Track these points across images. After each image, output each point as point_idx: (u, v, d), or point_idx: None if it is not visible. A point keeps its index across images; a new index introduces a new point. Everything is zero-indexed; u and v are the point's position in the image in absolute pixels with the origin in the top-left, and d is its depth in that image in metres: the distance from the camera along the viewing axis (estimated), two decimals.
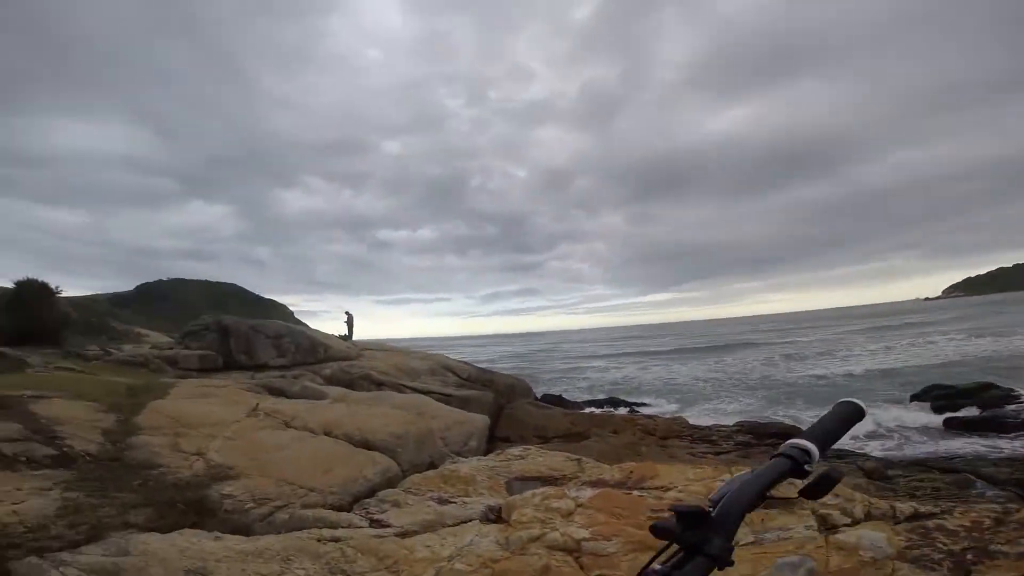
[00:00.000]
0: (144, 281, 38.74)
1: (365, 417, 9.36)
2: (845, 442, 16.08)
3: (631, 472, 5.50)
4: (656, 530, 0.87)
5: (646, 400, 28.46)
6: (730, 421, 20.14)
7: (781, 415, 21.76)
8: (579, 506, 4.59)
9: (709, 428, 18.08)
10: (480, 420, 12.45)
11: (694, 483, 5.04)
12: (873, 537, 3.37)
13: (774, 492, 0.93)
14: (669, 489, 4.95)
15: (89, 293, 29.82)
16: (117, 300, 31.15)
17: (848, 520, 3.84)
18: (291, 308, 46.96)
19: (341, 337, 24.12)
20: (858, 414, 1.06)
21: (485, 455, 9.40)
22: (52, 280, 18.05)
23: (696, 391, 31.11)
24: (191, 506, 5.75)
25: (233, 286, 44.28)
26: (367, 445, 8.26)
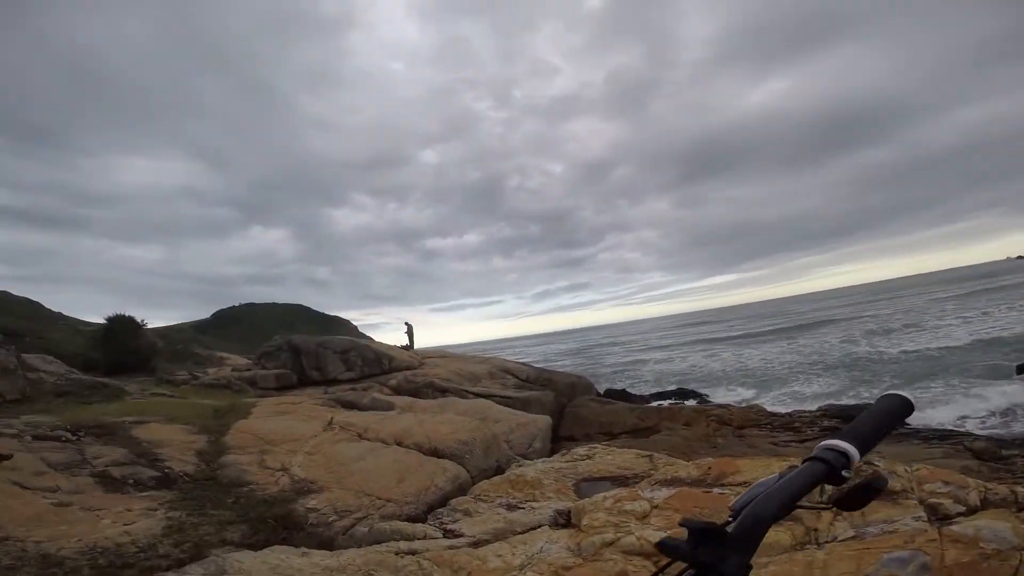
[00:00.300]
0: (220, 307, 41.65)
1: (433, 425, 9.59)
2: (947, 420, 14.81)
3: (709, 468, 5.27)
4: (663, 547, 0.78)
5: (717, 388, 27.46)
6: (812, 406, 19.10)
7: (868, 396, 20.40)
8: (655, 507, 4.43)
9: (790, 415, 17.12)
10: (543, 421, 12.45)
11: None
12: (995, 527, 2.94)
13: (806, 500, 0.84)
14: (752, 484, 4.70)
15: (172, 323, 32.35)
16: (198, 327, 33.60)
17: (963, 508, 3.43)
18: (354, 323, 48.82)
19: (403, 347, 24.86)
20: (904, 409, 0.94)
21: (550, 456, 9.39)
22: (137, 313, 20.11)
23: (771, 375, 29.55)
24: (280, 521, 6.12)
25: (299, 306, 46.63)
26: (436, 453, 8.47)
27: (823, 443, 0.88)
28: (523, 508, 5.71)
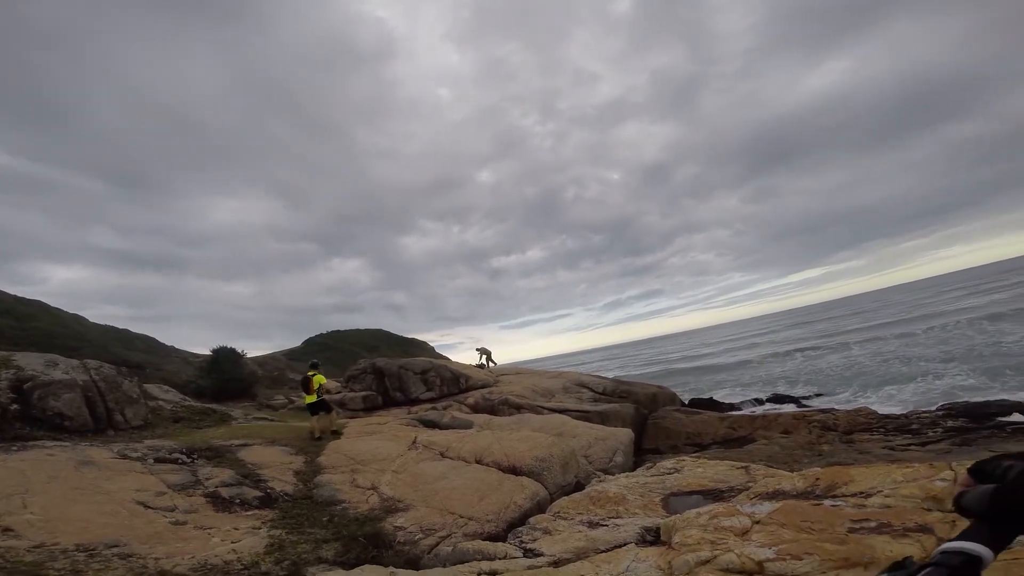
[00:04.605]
0: (309, 336, 44.54)
1: (511, 443, 9.59)
2: None
3: (817, 479, 4.81)
4: None
5: (817, 392, 25.33)
6: (932, 405, 17.15)
7: (998, 389, 17.88)
8: (756, 523, 4.10)
9: (906, 416, 15.38)
10: (623, 434, 12.06)
11: (905, 485, 4.23)
12: None
13: None
14: (871, 495, 4.20)
15: (267, 352, 35.04)
16: (290, 355, 36.12)
17: None
18: (431, 344, 50.26)
19: (478, 366, 25.21)
20: None
21: (633, 470, 9.03)
22: (238, 344, 22.05)
23: (879, 374, 26.66)
24: (370, 539, 6.35)
25: (380, 331, 48.83)
26: (515, 471, 8.45)
27: (944, 545, 0.73)
28: (606, 525, 5.51)
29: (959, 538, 0.74)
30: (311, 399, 11.59)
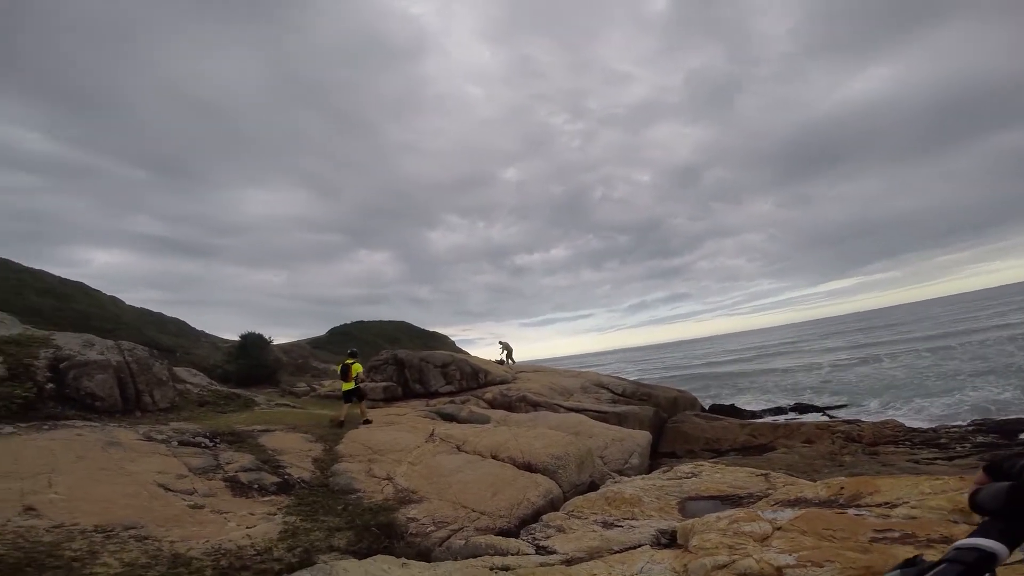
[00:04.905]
0: (333, 325, 45.21)
1: (527, 439, 9.57)
2: None
3: (841, 488, 4.69)
4: None
5: (844, 403, 24.64)
6: (962, 420, 16.57)
7: None
8: (777, 529, 4.02)
9: (934, 430, 14.93)
10: (641, 436, 11.92)
11: (932, 497, 4.11)
12: None
13: None
14: (897, 505, 4.10)
15: (293, 340, 35.74)
16: (314, 343, 36.77)
17: None
18: (452, 338, 50.57)
19: (497, 361, 25.25)
20: None
21: (648, 473, 8.91)
22: (265, 331, 22.26)
23: (910, 387, 25.91)
24: (382, 529, 6.39)
25: (403, 323, 49.26)
26: (529, 467, 8.42)
27: (959, 541, 0.76)
28: (620, 526, 5.44)
29: (974, 535, 0.75)
30: (348, 386, 11.83)
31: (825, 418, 20.30)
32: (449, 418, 13.34)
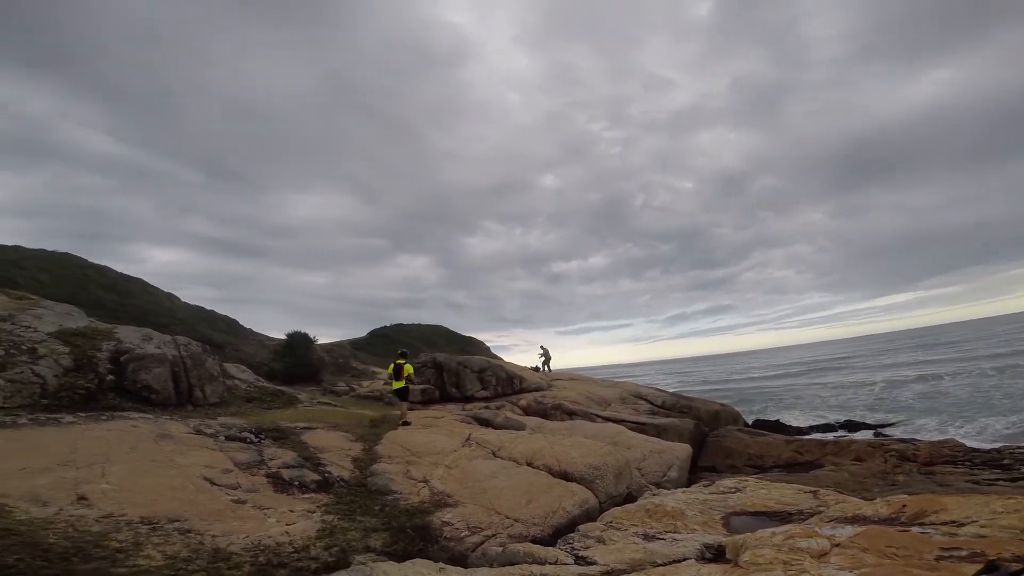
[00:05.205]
0: (374, 327, 46.13)
1: (564, 448, 9.44)
2: None
3: (903, 506, 4.42)
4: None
5: (898, 420, 23.32)
6: None
7: None
8: (836, 545, 3.82)
9: (997, 450, 13.99)
10: (681, 449, 11.58)
11: (1004, 516, 3.86)
12: None
13: None
14: (965, 524, 3.86)
15: (334, 340, 36.66)
16: (355, 344, 37.66)
17: None
18: (487, 344, 50.75)
19: (533, 368, 25.12)
20: None
21: (687, 487, 8.63)
22: (309, 331, 22.64)
23: (971, 406, 24.32)
24: (418, 532, 6.38)
25: (441, 327, 49.82)
26: (565, 476, 8.28)
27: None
28: (663, 539, 5.25)
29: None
30: (399, 385, 12.10)
31: (878, 436, 19.30)
32: (485, 423, 13.33)
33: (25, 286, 18.57)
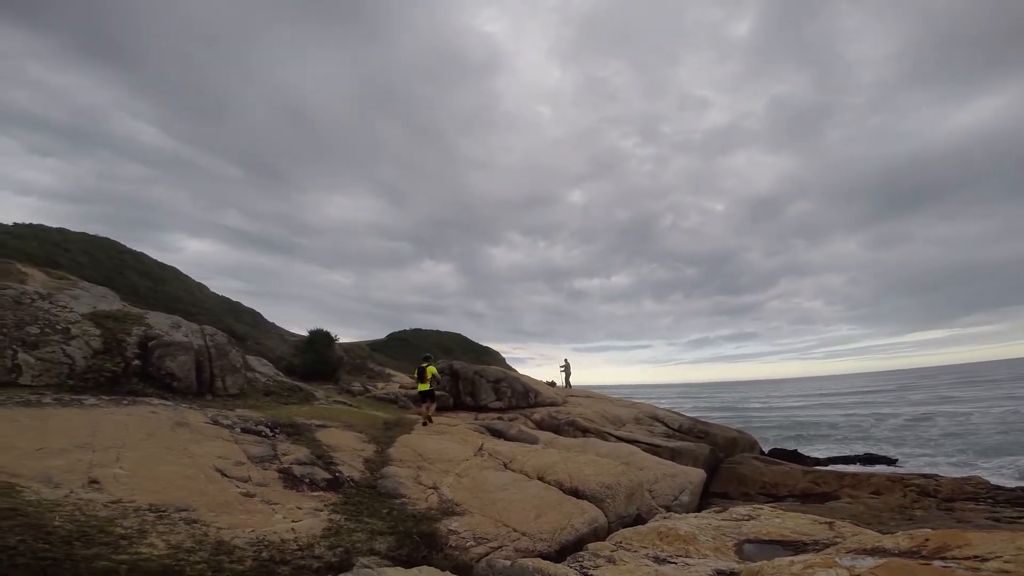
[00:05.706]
0: (393, 330, 46.58)
1: (577, 464, 9.32)
2: None
3: (926, 539, 4.27)
4: None
5: (921, 455, 22.58)
6: None
7: None
8: None
9: (1022, 488, 13.65)
10: (695, 474, 11.33)
11: None
12: None
13: None
14: (988, 559, 3.75)
15: (353, 340, 37.12)
16: (373, 346, 37.99)
17: None
18: (504, 355, 50.70)
19: (549, 383, 24.95)
20: None
21: (697, 512, 8.44)
22: (330, 329, 22.80)
23: (998, 443, 23.71)
24: (423, 538, 6.30)
25: (459, 335, 49.99)
26: (576, 493, 8.16)
27: None
28: (674, 563, 5.12)
29: None
30: (424, 387, 12.26)
31: (898, 470, 18.70)
32: (498, 434, 13.27)
33: (66, 267, 19.25)
